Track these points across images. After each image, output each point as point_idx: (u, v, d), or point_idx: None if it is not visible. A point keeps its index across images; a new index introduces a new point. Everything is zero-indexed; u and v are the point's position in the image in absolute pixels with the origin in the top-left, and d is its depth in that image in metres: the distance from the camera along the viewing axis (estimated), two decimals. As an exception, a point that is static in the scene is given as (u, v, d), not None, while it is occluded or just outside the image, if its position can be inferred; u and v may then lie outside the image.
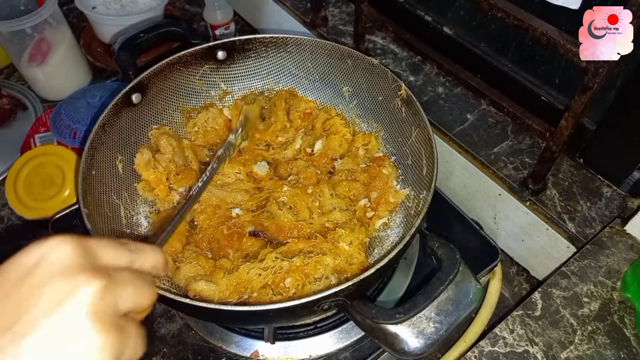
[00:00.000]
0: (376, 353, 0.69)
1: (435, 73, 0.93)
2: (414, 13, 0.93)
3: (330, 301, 0.51)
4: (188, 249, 0.66)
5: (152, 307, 0.38)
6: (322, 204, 0.70)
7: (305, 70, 0.83)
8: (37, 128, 0.95)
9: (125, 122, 0.72)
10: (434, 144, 0.65)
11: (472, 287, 0.53)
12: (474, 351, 0.63)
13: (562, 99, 0.78)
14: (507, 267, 0.86)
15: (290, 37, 0.79)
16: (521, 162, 0.80)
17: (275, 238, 0.68)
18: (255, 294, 0.61)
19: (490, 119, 0.86)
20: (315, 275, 0.61)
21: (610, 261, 0.69)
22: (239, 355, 0.68)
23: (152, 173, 0.71)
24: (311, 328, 0.70)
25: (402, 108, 0.74)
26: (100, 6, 1.05)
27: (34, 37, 0.96)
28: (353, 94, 0.82)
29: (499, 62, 0.84)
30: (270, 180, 0.74)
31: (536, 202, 0.76)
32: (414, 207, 0.70)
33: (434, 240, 0.55)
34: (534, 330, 0.63)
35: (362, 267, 0.65)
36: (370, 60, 0.75)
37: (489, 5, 0.66)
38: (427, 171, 0.67)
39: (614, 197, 0.76)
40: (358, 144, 0.77)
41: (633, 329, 0.62)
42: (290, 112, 0.82)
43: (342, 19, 1.03)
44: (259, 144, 0.79)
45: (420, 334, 0.50)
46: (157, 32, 0.78)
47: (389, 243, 0.69)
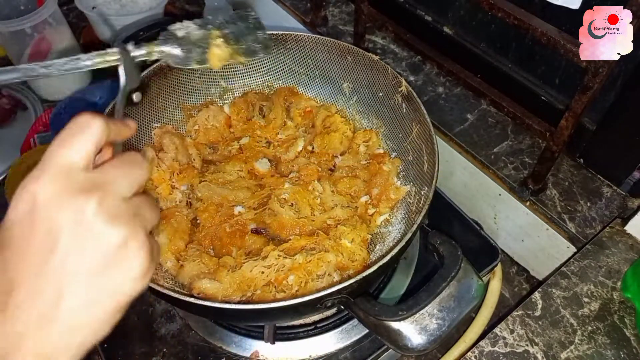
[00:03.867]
0: (376, 353, 0.69)
1: (435, 73, 0.93)
2: (414, 13, 0.93)
3: (334, 298, 0.52)
4: (191, 247, 0.66)
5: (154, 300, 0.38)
6: (323, 201, 0.70)
7: (305, 67, 0.83)
8: (37, 128, 0.95)
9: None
10: (435, 140, 0.65)
11: (474, 283, 0.54)
12: (474, 351, 0.63)
13: (562, 99, 0.78)
14: (507, 267, 0.86)
15: (290, 34, 0.79)
16: (521, 162, 0.80)
17: (277, 235, 0.68)
18: (258, 292, 0.61)
19: (490, 119, 0.86)
20: (317, 272, 0.61)
21: (611, 261, 0.69)
22: (239, 355, 0.68)
23: (156, 171, 0.71)
24: (311, 328, 0.70)
25: (402, 104, 0.74)
26: (100, 6, 1.05)
27: (34, 37, 0.96)
28: (353, 91, 0.82)
29: (499, 62, 0.84)
30: (272, 178, 0.74)
31: (536, 202, 0.76)
32: (415, 203, 0.70)
33: (436, 237, 0.56)
34: (534, 330, 0.63)
35: (365, 263, 0.65)
36: (371, 57, 0.76)
37: (489, 5, 0.66)
38: (428, 167, 0.67)
39: (614, 197, 0.76)
40: (359, 141, 0.78)
41: (633, 329, 0.63)
42: (291, 110, 0.82)
43: (342, 18, 1.04)
44: (260, 142, 0.79)
45: (423, 330, 0.50)
46: (157, 30, 0.78)
47: (391, 239, 0.70)
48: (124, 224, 0.34)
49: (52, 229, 0.32)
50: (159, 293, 0.52)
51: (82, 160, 0.35)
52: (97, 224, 0.33)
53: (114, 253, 0.33)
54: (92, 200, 0.33)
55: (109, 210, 0.33)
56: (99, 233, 0.33)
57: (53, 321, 0.32)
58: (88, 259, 0.33)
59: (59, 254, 0.32)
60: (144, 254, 0.35)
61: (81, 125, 0.36)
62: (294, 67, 0.83)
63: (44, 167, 0.34)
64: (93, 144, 0.35)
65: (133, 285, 0.35)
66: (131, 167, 0.37)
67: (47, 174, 0.33)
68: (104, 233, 0.33)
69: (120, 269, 0.34)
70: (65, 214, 0.32)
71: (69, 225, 0.32)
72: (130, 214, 0.35)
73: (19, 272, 0.32)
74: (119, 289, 0.34)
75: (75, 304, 0.33)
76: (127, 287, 0.35)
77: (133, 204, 0.36)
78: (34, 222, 0.33)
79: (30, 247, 0.33)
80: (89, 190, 0.33)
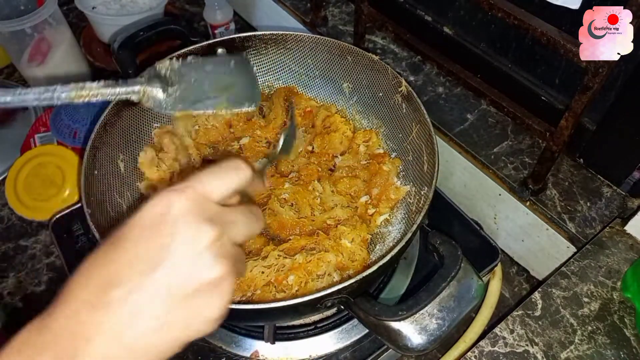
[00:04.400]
0: (376, 353, 0.69)
1: (435, 73, 0.93)
2: (414, 13, 0.93)
3: (334, 298, 0.52)
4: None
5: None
6: (323, 201, 0.71)
7: (305, 67, 0.83)
8: (37, 128, 0.94)
9: (126, 121, 0.72)
10: (435, 140, 0.65)
11: (474, 283, 0.54)
12: (474, 351, 0.63)
13: (562, 99, 0.78)
14: (507, 267, 0.86)
15: (290, 34, 0.79)
16: (521, 162, 0.80)
17: (277, 235, 0.68)
18: (258, 292, 0.61)
19: (490, 119, 0.86)
20: (317, 272, 0.61)
21: (610, 261, 0.69)
22: (239, 355, 0.68)
23: (156, 172, 0.71)
24: (311, 328, 0.70)
25: (402, 104, 0.74)
26: (100, 6, 1.05)
27: (34, 37, 0.96)
28: (353, 91, 0.82)
29: (499, 62, 0.84)
30: (272, 178, 0.74)
31: (536, 202, 0.76)
32: (415, 203, 0.70)
33: (436, 237, 0.56)
34: (534, 330, 0.63)
35: (365, 263, 0.65)
36: (371, 57, 0.76)
37: (489, 5, 0.66)
38: (428, 167, 0.67)
39: (614, 197, 0.76)
40: (359, 141, 0.78)
41: (633, 329, 0.63)
42: (291, 110, 0.82)
43: (342, 19, 1.04)
44: (260, 142, 0.79)
45: (423, 330, 0.50)
46: (157, 30, 0.78)
47: (391, 239, 0.70)
48: (227, 265, 0.35)
49: (169, 244, 0.34)
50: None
51: (220, 196, 0.38)
52: (207, 255, 0.34)
53: (206, 287, 0.35)
54: (213, 232, 0.35)
55: (221, 247, 0.35)
56: (204, 264, 0.34)
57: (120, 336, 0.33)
58: (183, 286, 0.34)
59: (161, 270, 0.33)
60: (228, 298, 0.36)
61: (235, 167, 0.39)
62: (294, 67, 0.83)
63: (190, 186, 0.36)
64: (235, 186, 0.39)
65: (205, 325, 0.36)
66: (253, 219, 0.40)
67: (190, 193, 0.35)
68: (208, 265, 0.34)
69: (204, 305, 0.35)
70: (186, 235, 0.34)
71: (184, 247, 0.34)
72: (234, 259, 0.37)
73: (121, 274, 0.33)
74: (193, 324, 0.35)
75: (148, 326, 0.33)
76: (201, 325, 0.36)
77: (239, 252, 0.38)
78: (158, 230, 0.34)
79: (143, 253, 0.34)
80: (213, 223, 0.35)
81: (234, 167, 0.39)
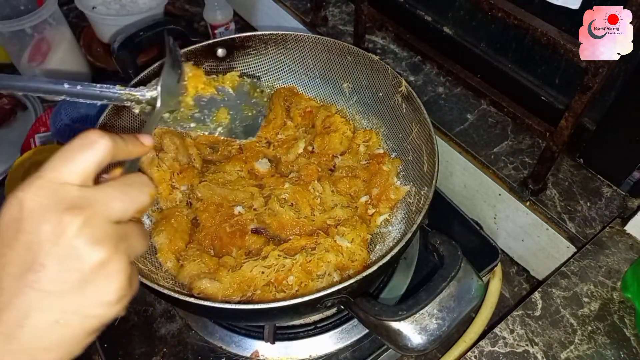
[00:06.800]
0: (376, 353, 0.69)
1: (435, 73, 0.93)
2: (414, 13, 0.93)
3: (334, 298, 0.52)
4: (191, 247, 0.66)
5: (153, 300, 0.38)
6: (323, 201, 0.71)
7: (305, 67, 0.83)
8: (37, 128, 0.95)
9: (126, 121, 0.72)
10: (435, 139, 0.65)
11: (474, 284, 0.53)
12: (474, 351, 0.63)
13: (562, 99, 0.78)
14: (507, 267, 0.86)
15: (290, 34, 0.79)
16: (521, 162, 0.80)
17: (277, 235, 0.68)
18: (258, 292, 0.61)
19: (490, 119, 0.86)
20: (317, 272, 0.61)
21: (610, 261, 0.69)
22: (239, 355, 0.68)
23: (156, 171, 0.71)
24: (311, 328, 0.70)
25: (402, 104, 0.74)
26: (100, 6, 1.05)
27: (34, 37, 0.96)
28: (353, 91, 0.82)
29: (499, 62, 0.84)
30: (272, 178, 0.74)
31: (536, 202, 0.76)
32: (415, 203, 0.70)
33: (436, 237, 0.56)
34: (534, 330, 0.63)
35: (364, 263, 0.65)
36: (370, 57, 0.76)
37: (489, 5, 0.66)
38: (428, 167, 0.67)
39: (614, 197, 0.76)
40: (359, 141, 0.78)
41: (633, 329, 0.63)
42: (291, 110, 0.82)
43: (342, 19, 1.04)
44: (260, 142, 0.79)
45: (423, 330, 0.50)
46: (157, 30, 0.78)
47: (391, 239, 0.70)
48: (106, 246, 0.33)
49: (33, 243, 0.32)
50: (159, 293, 0.52)
51: (79, 177, 0.34)
52: (77, 244, 0.32)
53: (90, 274, 0.33)
54: (77, 219, 0.32)
55: (93, 230, 0.33)
56: (78, 253, 0.32)
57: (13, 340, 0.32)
58: (62, 279, 0.32)
59: (33, 271, 0.32)
60: (121, 278, 0.34)
61: (85, 142, 0.35)
62: (294, 67, 0.83)
63: (37, 178, 0.33)
64: (94, 163, 0.35)
65: (105, 310, 0.34)
66: (130, 189, 0.37)
67: (37, 185, 0.33)
68: (83, 253, 0.32)
69: (95, 292, 0.33)
70: (47, 230, 0.32)
71: (49, 242, 0.32)
72: (115, 238, 0.34)
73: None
74: (90, 312, 0.34)
75: (41, 324, 0.32)
76: (99, 311, 0.34)
77: (121, 228, 0.35)
78: (18, 232, 0.32)
79: (10, 258, 0.32)
80: (76, 208, 0.33)
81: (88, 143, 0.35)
